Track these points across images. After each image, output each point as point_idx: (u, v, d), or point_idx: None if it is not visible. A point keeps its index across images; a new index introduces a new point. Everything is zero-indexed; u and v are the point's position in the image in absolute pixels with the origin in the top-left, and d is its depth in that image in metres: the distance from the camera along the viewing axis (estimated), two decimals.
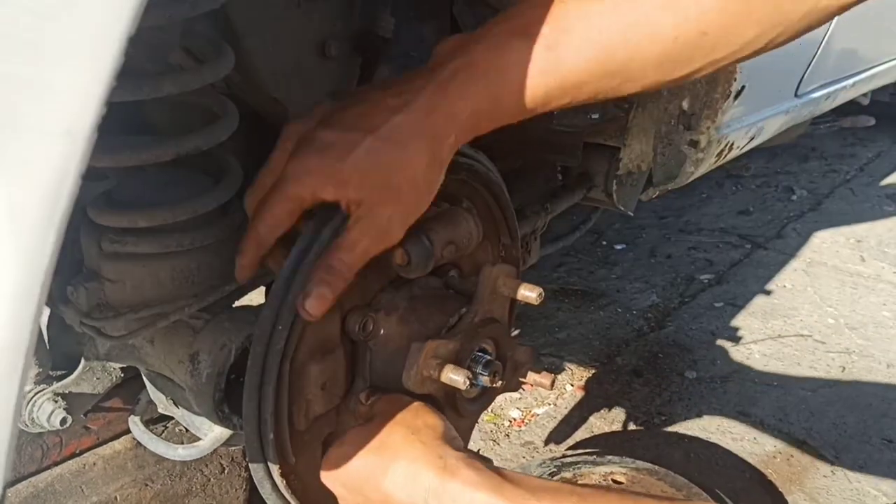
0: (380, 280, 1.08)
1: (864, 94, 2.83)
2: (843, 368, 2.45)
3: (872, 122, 3.61)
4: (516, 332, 2.38)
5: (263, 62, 1.24)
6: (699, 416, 2.20)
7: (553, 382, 1.11)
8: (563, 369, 2.39)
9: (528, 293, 1.07)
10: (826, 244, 3.42)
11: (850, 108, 3.26)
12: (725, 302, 2.85)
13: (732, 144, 1.64)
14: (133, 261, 1.02)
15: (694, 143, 1.57)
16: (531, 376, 1.12)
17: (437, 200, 1.13)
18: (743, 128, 1.62)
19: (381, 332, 1.04)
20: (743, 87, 1.47)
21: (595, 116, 1.72)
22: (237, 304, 1.16)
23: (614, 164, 1.89)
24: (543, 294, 1.07)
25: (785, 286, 3.01)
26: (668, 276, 3.07)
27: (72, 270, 1.09)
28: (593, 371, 2.39)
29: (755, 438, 2.11)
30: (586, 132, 1.76)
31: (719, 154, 1.62)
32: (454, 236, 1.07)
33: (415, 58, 1.54)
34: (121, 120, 0.97)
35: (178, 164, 1.03)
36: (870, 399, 2.30)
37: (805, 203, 3.95)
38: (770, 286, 3.00)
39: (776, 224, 3.66)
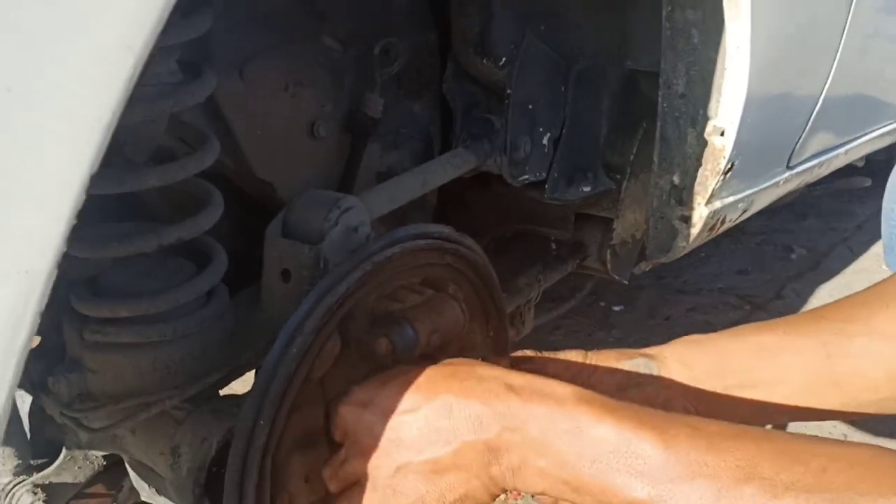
0: (364, 366, 1.07)
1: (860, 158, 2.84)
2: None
3: (868, 182, 3.61)
4: None
5: (252, 146, 1.25)
6: None
7: None
8: None
9: None
10: None
11: (846, 169, 3.26)
12: None
13: (725, 218, 1.64)
14: (115, 351, 1.02)
15: (685, 219, 1.57)
16: None
17: (422, 287, 1.13)
18: (734, 202, 1.63)
19: None
20: (733, 164, 1.48)
21: (587, 189, 1.72)
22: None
23: (608, 235, 1.90)
24: None
25: None
26: (665, 340, 3.03)
27: (53, 357, 1.08)
28: None
29: None
30: (578, 205, 1.76)
31: (711, 228, 1.62)
32: (439, 324, 1.07)
33: (404, 134, 1.55)
34: (103, 206, 0.98)
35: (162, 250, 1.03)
36: None
37: (804, 262, 3.94)
38: None
39: (775, 284, 3.65)
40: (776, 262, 3.92)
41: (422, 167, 1.41)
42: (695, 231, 1.58)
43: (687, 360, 1.04)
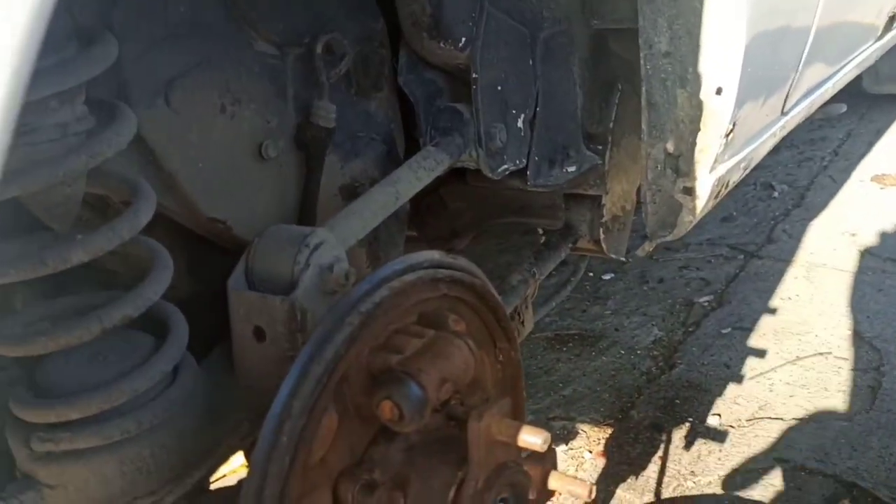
0: (367, 432, 0.91)
1: None
2: (873, 388, 2.29)
3: (844, 108, 3.48)
4: None
5: (193, 182, 1.08)
6: (734, 469, 2.02)
7: (592, 490, 0.94)
8: (577, 433, 2.21)
9: (532, 439, 0.90)
10: (821, 243, 3.28)
11: None
12: (732, 327, 2.69)
13: (728, 182, 1.49)
14: (72, 460, 0.85)
15: (689, 191, 1.41)
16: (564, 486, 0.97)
17: (420, 327, 0.96)
18: (737, 163, 1.48)
19: (378, 497, 0.88)
20: (734, 125, 1.32)
21: (571, 169, 1.57)
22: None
23: (598, 212, 1.76)
24: (549, 439, 0.90)
25: (790, 298, 2.86)
26: (665, 304, 2.91)
27: (2, 474, 0.92)
28: (610, 431, 2.21)
29: (799, 488, 1.93)
30: (564, 188, 1.61)
31: (716, 196, 1.47)
32: (448, 372, 0.91)
33: (363, 138, 1.38)
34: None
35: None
36: None
37: (788, 199, 3.81)
38: (774, 301, 2.85)
39: (764, 227, 3.52)
40: (759, 203, 3.78)
41: (391, 177, 1.24)
42: (700, 203, 1.42)
43: None
